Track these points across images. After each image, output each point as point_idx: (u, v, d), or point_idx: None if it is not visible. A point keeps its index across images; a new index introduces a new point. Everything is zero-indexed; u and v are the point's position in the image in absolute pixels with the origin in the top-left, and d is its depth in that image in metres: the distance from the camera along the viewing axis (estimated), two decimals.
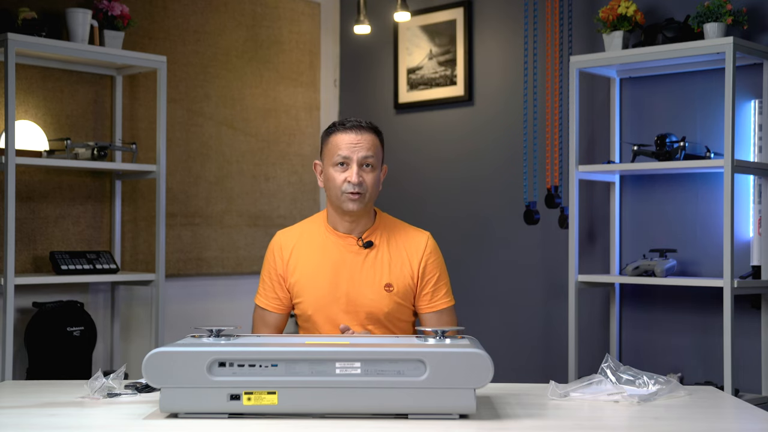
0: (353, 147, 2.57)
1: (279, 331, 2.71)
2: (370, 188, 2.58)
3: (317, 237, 2.67)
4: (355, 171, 2.56)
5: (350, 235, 2.64)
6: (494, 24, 4.61)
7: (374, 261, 2.62)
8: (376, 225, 2.66)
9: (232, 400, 1.93)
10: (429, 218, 4.77)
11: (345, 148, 2.57)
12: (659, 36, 3.81)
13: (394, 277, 2.62)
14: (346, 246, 2.63)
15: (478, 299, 4.60)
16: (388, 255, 2.63)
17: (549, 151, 4.26)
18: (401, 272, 2.62)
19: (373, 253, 2.63)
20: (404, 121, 4.94)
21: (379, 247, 2.63)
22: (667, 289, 3.97)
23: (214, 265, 4.66)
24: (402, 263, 2.63)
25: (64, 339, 3.85)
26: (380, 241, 2.64)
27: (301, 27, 5.06)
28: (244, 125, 4.79)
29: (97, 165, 3.94)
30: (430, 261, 2.65)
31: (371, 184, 2.58)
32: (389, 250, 2.64)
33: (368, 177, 2.58)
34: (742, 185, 3.73)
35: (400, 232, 2.68)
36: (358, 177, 2.55)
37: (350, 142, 2.58)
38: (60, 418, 2.00)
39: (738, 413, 2.16)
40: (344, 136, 2.59)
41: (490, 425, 1.92)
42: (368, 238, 2.64)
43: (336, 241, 2.64)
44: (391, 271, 2.62)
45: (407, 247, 2.65)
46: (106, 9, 3.96)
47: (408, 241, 2.66)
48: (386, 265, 2.62)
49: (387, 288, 2.61)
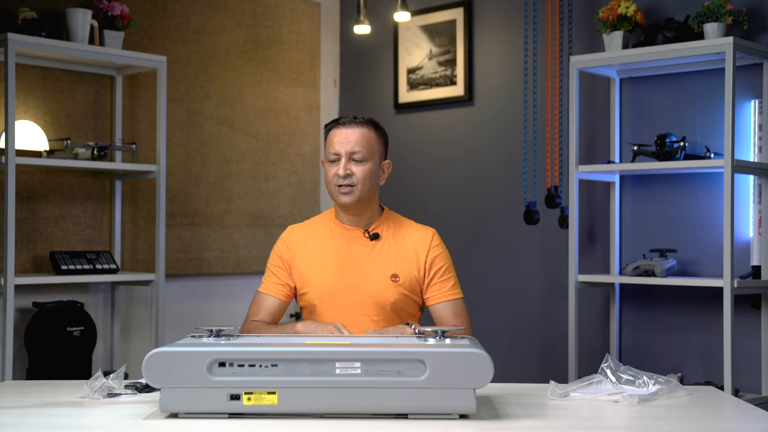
0: (342, 142, 2.63)
1: (272, 319, 2.71)
2: (361, 181, 2.62)
3: (325, 230, 2.72)
4: (343, 164, 2.62)
5: (357, 228, 2.69)
6: (494, 24, 4.61)
7: (381, 252, 2.67)
8: (382, 219, 2.72)
9: (232, 400, 1.93)
10: (429, 218, 4.76)
11: (336, 144, 2.64)
12: (659, 36, 3.81)
13: (400, 268, 2.66)
14: (354, 238, 2.68)
15: (478, 299, 4.60)
16: (394, 247, 2.68)
17: (549, 151, 4.26)
18: (408, 264, 2.67)
19: (379, 244, 2.67)
20: (404, 121, 4.94)
21: (386, 240, 2.68)
22: (667, 289, 3.97)
23: (214, 265, 4.66)
24: (409, 256, 2.67)
25: (64, 339, 3.85)
26: (387, 234, 2.69)
27: (301, 27, 5.06)
28: (244, 125, 4.79)
29: (97, 165, 3.94)
30: (437, 254, 2.70)
31: (361, 176, 2.62)
32: (395, 243, 2.68)
33: (357, 169, 2.62)
34: (742, 185, 3.73)
35: (407, 228, 2.73)
36: (344, 170, 2.61)
37: (341, 137, 2.64)
38: (60, 418, 2.00)
39: (738, 413, 2.16)
40: (337, 132, 2.66)
41: (490, 425, 1.92)
42: (375, 230, 2.69)
43: (343, 233, 2.70)
44: (397, 262, 2.66)
45: (414, 241, 2.69)
46: (106, 9, 3.96)
47: (414, 236, 2.71)
48: (393, 257, 2.66)
49: (393, 278, 2.64)
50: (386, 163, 2.73)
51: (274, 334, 2.55)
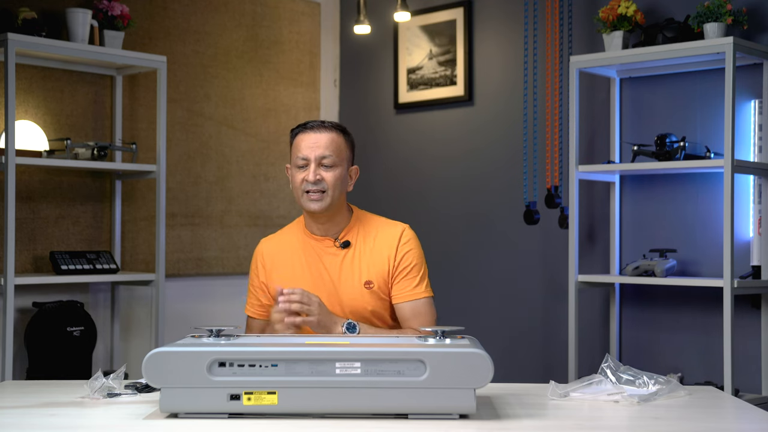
0: (311, 147, 2.59)
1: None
2: (332, 186, 2.58)
3: (296, 242, 2.68)
4: (312, 169, 2.57)
5: (327, 237, 2.65)
6: (494, 24, 4.61)
7: (352, 260, 2.63)
8: (351, 224, 2.67)
9: (232, 400, 1.93)
10: (429, 218, 4.78)
11: (304, 149, 2.59)
12: (659, 36, 3.81)
13: (373, 273, 2.62)
14: (324, 248, 2.65)
15: (478, 299, 4.61)
16: (366, 252, 2.63)
17: (549, 151, 4.26)
18: (380, 267, 2.62)
19: (350, 252, 2.63)
20: (404, 121, 4.94)
21: (356, 246, 2.64)
22: (667, 289, 3.97)
23: (214, 265, 4.66)
24: (380, 258, 2.63)
25: (64, 339, 3.85)
26: (357, 240, 2.65)
27: (301, 27, 5.06)
28: (244, 125, 4.79)
29: (97, 165, 3.94)
30: (405, 251, 2.64)
31: (332, 182, 2.58)
32: (366, 247, 2.64)
33: (327, 175, 2.58)
34: (742, 185, 3.73)
35: (377, 228, 2.67)
36: (314, 175, 2.56)
37: (309, 142, 2.60)
38: (60, 418, 1.99)
39: (738, 413, 2.16)
40: (304, 137, 2.61)
41: (490, 425, 1.92)
42: (344, 238, 2.65)
43: (314, 244, 2.66)
44: (369, 267, 2.62)
45: (383, 242, 2.64)
46: (106, 9, 3.96)
47: (384, 236, 2.65)
48: (365, 263, 2.62)
49: (367, 285, 2.61)
50: (354, 169, 2.68)
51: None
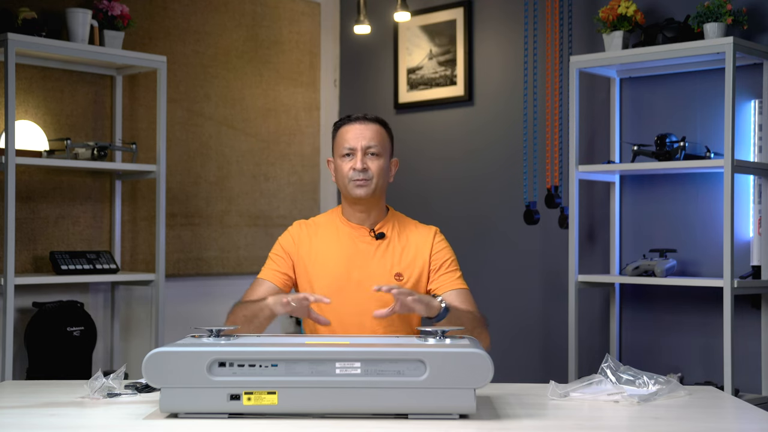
0: (357, 137, 2.68)
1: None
2: (376, 175, 2.66)
3: (332, 227, 2.75)
4: (359, 158, 2.66)
5: (363, 226, 2.71)
6: (494, 24, 4.61)
7: (385, 251, 2.69)
8: (387, 218, 2.75)
9: (232, 400, 1.93)
10: (429, 218, 4.75)
11: (350, 139, 2.68)
12: (659, 36, 3.81)
13: (404, 267, 2.68)
14: (359, 236, 2.71)
15: (478, 299, 4.58)
16: (399, 247, 2.70)
17: (549, 151, 4.26)
18: (412, 263, 2.69)
19: (384, 243, 2.70)
20: (404, 121, 4.94)
21: (391, 239, 2.71)
22: (667, 289, 3.97)
23: (214, 265, 4.66)
24: (414, 255, 2.70)
25: (64, 339, 3.85)
26: (392, 233, 2.72)
27: (301, 27, 5.06)
28: (244, 125, 4.79)
29: (97, 165, 3.94)
30: (441, 248, 2.74)
31: (377, 171, 2.66)
32: (400, 243, 2.71)
33: (373, 164, 2.67)
34: (742, 185, 3.73)
35: (411, 228, 2.77)
36: (362, 164, 2.65)
37: (355, 133, 2.69)
38: (60, 418, 2.00)
39: (738, 413, 2.16)
40: (350, 128, 2.71)
41: (490, 425, 1.92)
42: (380, 229, 2.72)
43: (349, 231, 2.72)
44: (401, 261, 2.68)
45: (417, 240, 2.73)
46: (106, 9, 3.96)
47: (418, 235, 2.74)
48: (397, 256, 2.69)
49: (397, 277, 2.67)
50: (394, 161, 2.79)
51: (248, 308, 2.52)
